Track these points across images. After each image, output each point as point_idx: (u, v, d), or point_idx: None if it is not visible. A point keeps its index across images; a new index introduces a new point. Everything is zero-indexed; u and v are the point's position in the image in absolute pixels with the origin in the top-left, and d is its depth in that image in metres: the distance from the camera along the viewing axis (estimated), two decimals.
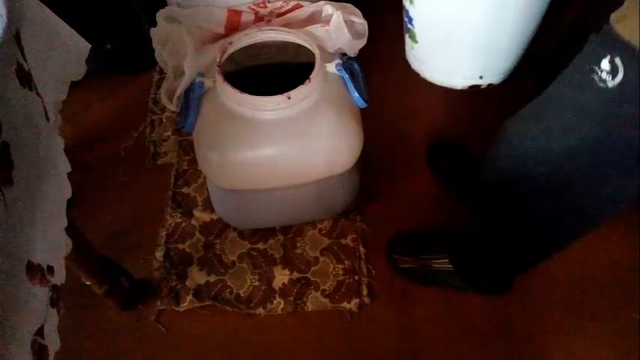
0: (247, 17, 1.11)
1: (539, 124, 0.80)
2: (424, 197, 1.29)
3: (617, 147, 0.73)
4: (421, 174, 1.33)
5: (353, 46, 1.08)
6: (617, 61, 0.65)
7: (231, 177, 1.03)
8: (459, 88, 1.50)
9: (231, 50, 1.02)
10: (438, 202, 1.27)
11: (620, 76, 0.66)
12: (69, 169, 0.74)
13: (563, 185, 0.82)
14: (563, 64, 0.77)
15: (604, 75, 0.67)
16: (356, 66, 1.05)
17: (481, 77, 1.46)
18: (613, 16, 0.66)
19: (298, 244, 1.24)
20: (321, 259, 1.22)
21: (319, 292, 1.17)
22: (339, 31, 1.05)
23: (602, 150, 0.75)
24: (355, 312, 1.15)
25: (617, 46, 0.65)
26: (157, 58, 1.12)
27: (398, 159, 1.36)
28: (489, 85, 1.48)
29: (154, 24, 1.10)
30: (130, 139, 1.42)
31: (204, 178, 1.28)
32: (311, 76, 0.95)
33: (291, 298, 1.16)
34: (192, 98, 0.99)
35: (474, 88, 1.48)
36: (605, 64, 0.67)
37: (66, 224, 0.71)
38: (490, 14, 1.26)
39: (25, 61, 0.65)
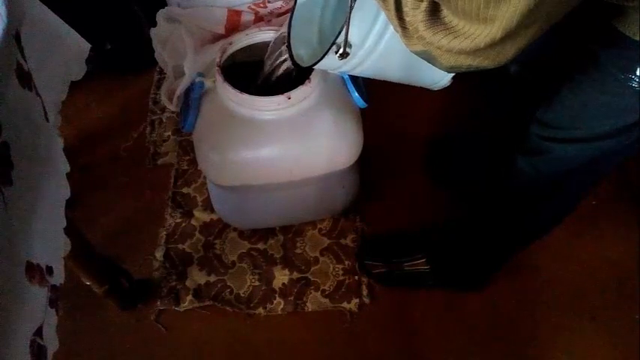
0: (247, 17, 1.11)
1: (577, 132, 0.78)
2: (424, 197, 1.29)
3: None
4: (421, 174, 1.33)
5: None
6: None
7: (231, 177, 1.03)
8: None
9: (231, 50, 1.02)
10: (438, 201, 1.26)
11: None
12: (68, 169, 0.74)
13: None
14: None
15: None
16: None
17: None
18: (620, 24, 0.65)
19: (298, 244, 1.24)
20: (321, 259, 1.21)
21: (319, 292, 1.17)
22: None
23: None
24: (355, 312, 1.15)
25: None
26: (156, 58, 1.12)
27: (398, 159, 1.36)
28: None
29: (154, 24, 1.10)
30: (130, 139, 1.42)
31: (204, 178, 1.28)
32: (311, 76, 0.95)
33: (291, 298, 1.16)
34: (192, 98, 0.99)
35: None
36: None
37: (65, 224, 0.71)
38: None
39: (25, 61, 0.65)
